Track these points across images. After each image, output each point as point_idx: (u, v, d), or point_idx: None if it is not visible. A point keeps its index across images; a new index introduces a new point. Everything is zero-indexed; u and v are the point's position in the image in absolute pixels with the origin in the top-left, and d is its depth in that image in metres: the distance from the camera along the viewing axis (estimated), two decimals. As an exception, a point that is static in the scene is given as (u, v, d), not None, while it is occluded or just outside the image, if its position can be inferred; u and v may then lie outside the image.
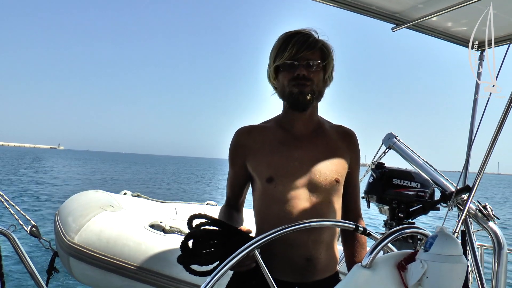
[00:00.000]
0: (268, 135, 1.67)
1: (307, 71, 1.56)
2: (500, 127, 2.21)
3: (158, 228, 3.25)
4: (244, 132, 1.69)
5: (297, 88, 1.57)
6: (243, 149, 1.66)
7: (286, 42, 1.56)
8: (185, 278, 2.97)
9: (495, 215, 2.54)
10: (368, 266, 1.02)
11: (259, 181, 1.63)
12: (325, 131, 1.71)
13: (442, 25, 2.69)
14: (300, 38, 1.55)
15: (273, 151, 1.62)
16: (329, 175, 1.61)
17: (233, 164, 1.71)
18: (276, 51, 1.59)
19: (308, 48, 1.55)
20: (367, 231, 1.29)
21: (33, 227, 3.18)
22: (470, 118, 2.78)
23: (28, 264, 2.33)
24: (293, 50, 1.54)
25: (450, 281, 0.96)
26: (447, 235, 0.99)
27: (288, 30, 1.62)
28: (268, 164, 1.60)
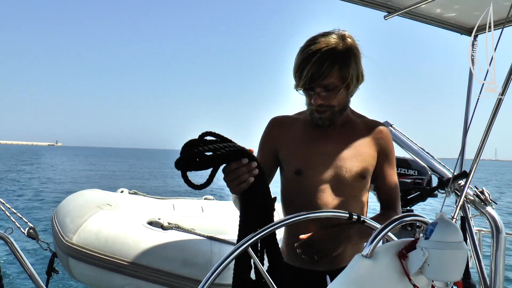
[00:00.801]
0: (300, 127, 1.70)
1: (325, 98, 1.55)
2: (496, 112, 2.21)
3: (156, 225, 3.25)
4: (278, 122, 1.73)
5: (317, 114, 1.60)
6: (275, 138, 1.70)
7: (302, 65, 1.51)
8: (185, 274, 2.97)
9: (492, 199, 2.55)
10: (369, 256, 1.02)
11: (288, 172, 1.67)
12: (355, 126, 1.72)
13: (434, 11, 2.69)
14: (315, 63, 1.48)
15: (303, 143, 1.66)
16: (354, 171, 1.62)
17: (263, 151, 1.73)
18: (294, 72, 1.56)
19: (322, 76, 1.49)
20: (362, 218, 1.29)
21: (30, 229, 3.16)
22: (465, 104, 2.78)
23: (27, 266, 2.32)
24: (306, 80, 1.51)
25: (451, 267, 0.96)
26: (447, 222, 0.99)
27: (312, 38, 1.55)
28: (298, 157, 1.64)
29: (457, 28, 2.90)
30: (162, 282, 2.97)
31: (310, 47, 1.51)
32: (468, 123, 2.60)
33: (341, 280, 1.04)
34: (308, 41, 1.55)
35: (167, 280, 2.97)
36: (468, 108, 2.75)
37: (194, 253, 3.05)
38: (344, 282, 1.03)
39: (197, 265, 3.00)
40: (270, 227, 1.19)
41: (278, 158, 1.71)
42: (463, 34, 2.94)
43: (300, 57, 1.54)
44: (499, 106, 2.18)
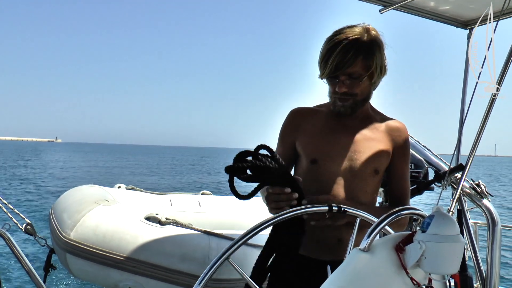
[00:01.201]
0: (320, 119, 1.73)
1: (349, 86, 1.59)
2: (491, 105, 2.22)
3: (154, 220, 3.25)
4: (299, 113, 1.77)
5: (340, 102, 1.64)
6: (295, 128, 1.74)
7: (327, 55, 1.57)
8: (183, 269, 2.97)
9: (488, 192, 2.56)
10: (366, 250, 1.02)
11: (304, 161, 1.70)
12: (374, 122, 1.76)
13: (429, 4, 2.68)
14: (340, 51, 1.53)
15: (321, 134, 1.69)
16: (368, 165, 1.66)
17: (283, 142, 1.77)
18: (320, 62, 1.61)
19: (348, 63, 1.54)
20: (343, 208, 1.29)
21: (27, 225, 3.15)
22: (461, 97, 2.79)
23: (25, 262, 2.31)
24: (332, 68, 1.55)
25: (448, 260, 0.97)
26: (444, 215, 0.99)
27: (337, 30, 1.60)
28: (315, 146, 1.68)
29: (452, 21, 2.90)
30: (160, 278, 2.98)
31: (335, 37, 1.57)
32: (464, 116, 2.61)
33: (339, 274, 1.05)
34: (334, 32, 1.61)
35: (165, 276, 2.98)
36: (464, 101, 2.76)
37: (192, 248, 3.06)
38: (342, 276, 1.04)
39: (195, 260, 3.01)
40: (258, 227, 1.19)
41: (296, 148, 1.74)
42: (459, 27, 2.95)
43: (326, 46, 1.59)
44: (495, 98, 2.18)
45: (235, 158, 1.36)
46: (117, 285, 3.07)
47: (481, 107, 2.27)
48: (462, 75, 2.87)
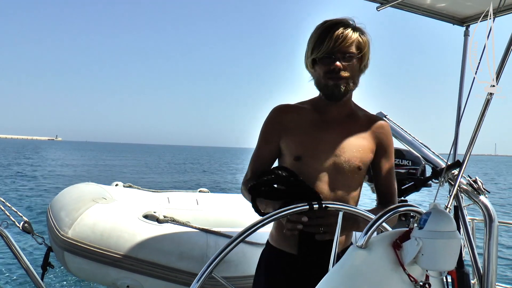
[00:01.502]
0: (303, 116, 1.73)
1: (343, 64, 1.61)
2: (488, 101, 2.22)
3: (152, 218, 3.25)
4: (283, 110, 1.76)
5: (332, 81, 1.63)
6: (279, 126, 1.73)
7: (323, 34, 1.60)
8: (181, 267, 2.98)
9: (485, 188, 2.56)
10: (363, 247, 1.03)
11: (288, 158, 1.70)
12: (357, 118, 1.77)
13: (426, 2, 2.69)
14: (337, 31, 1.59)
15: (305, 131, 1.69)
16: (352, 161, 1.67)
17: (267, 141, 1.77)
18: (314, 43, 1.63)
19: (344, 41, 1.59)
20: (324, 204, 1.30)
21: (25, 223, 3.14)
22: (458, 94, 2.79)
23: (23, 260, 2.31)
24: (330, 44, 1.58)
25: (445, 256, 0.97)
26: (441, 212, 1.00)
27: (326, 20, 1.65)
28: (299, 143, 1.68)
29: (449, 19, 2.91)
30: (158, 276, 2.98)
31: (328, 21, 1.63)
32: (460, 113, 2.61)
33: (336, 270, 1.05)
34: (325, 20, 1.65)
35: (163, 274, 2.98)
36: (461, 98, 2.76)
37: (190, 246, 3.06)
38: (339, 272, 1.04)
39: (193, 258, 3.01)
40: (256, 225, 1.20)
41: (279, 146, 1.75)
42: (455, 25, 2.95)
43: (320, 28, 1.63)
44: (491, 95, 2.19)
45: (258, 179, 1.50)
46: (115, 283, 3.07)
47: (478, 103, 2.28)
48: (459, 72, 2.87)
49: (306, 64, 1.71)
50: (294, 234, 1.50)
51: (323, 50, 1.59)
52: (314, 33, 1.65)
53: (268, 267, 1.72)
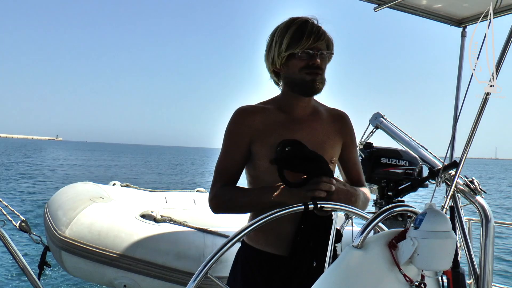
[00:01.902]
0: (270, 116, 1.70)
1: (320, 61, 1.61)
2: (483, 106, 2.23)
3: (149, 218, 3.25)
4: (248, 112, 1.70)
5: (310, 76, 1.62)
6: (249, 128, 1.67)
7: (300, 30, 1.59)
8: (178, 266, 2.98)
9: (482, 189, 2.57)
10: (359, 247, 1.03)
11: (260, 162, 1.66)
12: (320, 114, 1.77)
13: (423, 2, 2.69)
14: (314, 27, 1.60)
15: (277, 132, 1.65)
16: (326, 156, 1.66)
17: (237, 142, 1.68)
18: (290, 38, 1.60)
19: (320, 39, 1.60)
20: (319, 204, 1.30)
21: (22, 222, 3.14)
22: (455, 95, 2.80)
23: (20, 259, 2.30)
24: (310, 40, 1.58)
25: (440, 256, 0.97)
26: (436, 212, 1.00)
27: (293, 17, 1.64)
28: (272, 146, 1.62)
29: (446, 20, 2.92)
30: (155, 275, 2.98)
31: (300, 18, 1.63)
32: (457, 113, 2.62)
33: (332, 270, 1.05)
34: (294, 17, 1.64)
35: (160, 273, 2.98)
36: (458, 98, 2.77)
37: (187, 246, 3.07)
38: (335, 272, 1.05)
39: (190, 258, 3.01)
40: (253, 225, 1.20)
41: (249, 149, 1.69)
42: (453, 25, 2.96)
43: (294, 24, 1.61)
44: (488, 94, 2.19)
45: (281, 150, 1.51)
46: (112, 283, 3.07)
47: (475, 104, 2.29)
48: (456, 73, 2.88)
49: (274, 60, 1.67)
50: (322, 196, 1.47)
51: (304, 45, 1.58)
52: (287, 28, 1.62)
53: (245, 266, 1.69)
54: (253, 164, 1.70)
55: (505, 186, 35.51)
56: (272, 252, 1.65)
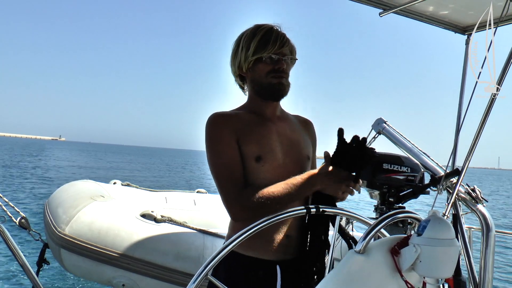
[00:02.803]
0: (244, 119, 1.71)
1: (286, 65, 1.70)
2: (489, 110, 2.23)
3: (149, 217, 3.25)
4: (224, 115, 1.70)
5: (276, 80, 1.68)
6: (232, 129, 1.66)
7: (267, 36, 1.66)
8: (177, 267, 2.97)
9: (483, 197, 2.57)
10: (361, 252, 1.03)
11: (245, 161, 1.64)
12: (288, 117, 1.86)
13: (429, 9, 2.70)
14: (279, 34, 1.68)
15: (255, 131, 1.68)
16: (303, 154, 1.76)
17: (230, 145, 1.63)
18: (257, 43, 1.66)
19: (285, 45, 1.68)
20: (321, 209, 1.31)
21: (22, 218, 3.14)
22: (458, 102, 2.80)
23: (19, 255, 2.30)
24: (276, 45, 1.65)
25: (443, 264, 0.97)
26: (440, 219, 1.00)
27: (258, 24, 1.72)
28: (256, 143, 1.65)
29: (451, 27, 2.92)
30: (154, 275, 2.98)
31: (265, 25, 1.71)
32: (460, 121, 2.62)
33: (334, 275, 1.05)
34: (259, 24, 1.72)
35: (159, 273, 2.98)
36: (461, 106, 2.77)
37: (186, 246, 3.06)
38: (337, 277, 1.04)
39: (189, 259, 3.01)
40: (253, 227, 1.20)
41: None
42: (457, 33, 2.96)
43: (259, 30, 1.68)
44: (493, 102, 2.20)
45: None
46: (111, 282, 3.07)
47: (478, 113, 2.29)
48: (460, 80, 2.88)
49: (240, 65, 1.72)
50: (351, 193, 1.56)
51: (270, 50, 1.65)
52: (253, 34, 1.68)
53: (228, 271, 1.64)
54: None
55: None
56: (257, 257, 1.62)
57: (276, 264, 1.62)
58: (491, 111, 2.23)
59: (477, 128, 2.30)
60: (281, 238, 1.63)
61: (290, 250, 1.64)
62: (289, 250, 1.64)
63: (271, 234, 1.62)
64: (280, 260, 1.62)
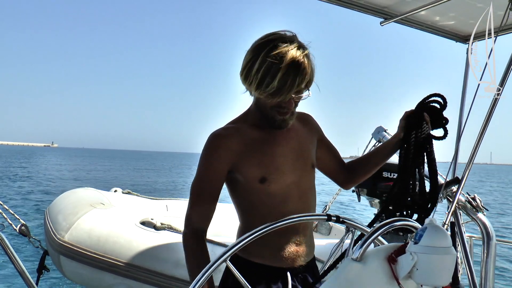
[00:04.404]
0: (246, 135, 1.63)
1: (295, 100, 1.55)
2: (489, 118, 2.23)
3: (149, 225, 3.25)
4: (224, 136, 1.62)
5: (281, 116, 1.56)
6: (228, 152, 1.59)
7: (287, 74, 1.44)
8: (176, 275, 2.96)
9: (484, 206, 2.56)
10: (358, 259, 1.03)
11: (248, 183, 1.60)
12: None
13: (430, 18, 2.71)
14: (298, 73, 1.44)
15: (258, 151, 1.61)
16: (307, 164, 1.70)
17: (216, 170, 1.59)
18: (278, 83, 1.45)
19: (302, 80, 1.47)
20: (341, 218, 1.30)
21: (22, 225, 3.14)
22: (459, 109, 2.80)
23: (18, 263, 2.30)
24: (292, 89, 1.46)
25: (439, 272, 0.97)
26: (437, 227, 1.00)
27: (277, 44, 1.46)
28: (258, 165, 1.59)
29: (452, 36, 2.93)
30: (153, 283, 2.97)
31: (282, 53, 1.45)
32: (461, 127, 2.62)
33: (331, 283, 1.05)
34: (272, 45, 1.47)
35: (158, 281, 2.97)
36: (462, 112, 2.77)
37: (186, 254, 3.05)
38: (334, 285, 1.04)
39: (189, 266, 3.00)
40: (252, 234, 1.18)
41: (232, 173, 1.62)
42: (458, 42, 2.98)
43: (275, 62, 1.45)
44: (493, 109, 2.20)
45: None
46: (110, 289, 3.06)
47: (478, 122, 2.29)
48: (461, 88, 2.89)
49: (250, 85, 1.54)
50: None
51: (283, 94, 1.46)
52: (277, 66, 1.44)
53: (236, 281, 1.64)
54: (240, 186, 1.64)
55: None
56: (268, 264, 1.62)
57: (287, 271, 1.60)
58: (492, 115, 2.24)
59: (476, 136, 2.30)
60: (291, 245, 1.62)
61: (299, 258, 1.63)
62: (298, 258, 1.63)
63: (281, 241, 1.61)
64: (290, 267, 1.61)
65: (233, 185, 1.66)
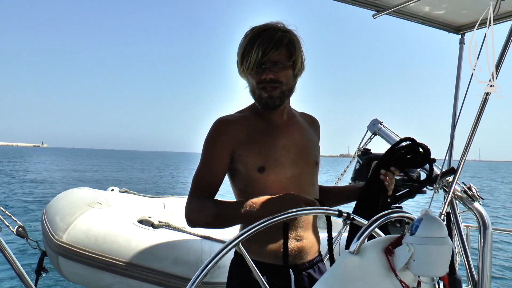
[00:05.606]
0: (250, 125, 1.66)
1: (275, 73, 1.56)
2: (482, 108, 2.24)
3: (147, 223, 3.24)
4: (228, 122, 1.65)
5: (266, 93, 1.58)
6: (230, 138, 1.61)
7: (251, 43, 1.54)
8: (176, 272, 2.97)
9: (479, 195, 2.58)
10: (355, 252, 1.03)
11: (248, 172, 1.61)
12: (297, 119, 1.78)
13: (423, 10, 2.71)
14: (265, 38, 1.52)
15: (259, 140, 1.62)
16: (311, 160, 1.69)
17: (218, 155, 1.62)
18: (242, 52, 1.57)
19: (273, 49, 1.52)
20: (351, 216, 1.30)
21: (19, 227, 3.13)
22: (453, 100, 2.81)
23: (16, 265, 2.29)
24: (259, 53, 1.52)
25: (436, 262, 0.98)
26: (432, 218, 1.00)
27: (254, 25, 1.58)
28: (258, 154, 1.59)
29: (445, 27, 2.94)
30: (152, 281, 2.97)
31: (256, 28, 1.57)
32: (456, 118, 2.63)
33: (329, 276, 1.05)
34: (252, 27, 1.59)
35: (157, 279, 2.97)
36: (456, 104, 2.78)
37: (184, 251, 3.05)
38: (332, 278, 1.04)
39: (187, 264, 3.00)
40: (250, 230, 1.18)
41: (232, 160, 1.64)
42: (451, 32, 2.98)
43: (247, 37, 1.56)
44: (487, 98, 2.21)
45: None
46: (110, 288, 3.06)
47: (473, 110, 2.30)
48: (454, 79, 2.90)
49: (240, 72, 1.65)
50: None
51: (253, 60, 1.53)
52: (242, 40, 1.58)
53: (241, 277, 1.63)
54: (240, 175, 1.65)
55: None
56: (270, 262, 1.60)
57: (289, 269, 1.58)
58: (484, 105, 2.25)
59: (472, 125, 2.31)
60: (292, 244, 1.60)
61: (301, 255, 1.62)
62: (300, 255, 1.62)
63: (281, 238, 1.57)
64: (292, 265, 1.59)
65: (234, 175, 1.67)
